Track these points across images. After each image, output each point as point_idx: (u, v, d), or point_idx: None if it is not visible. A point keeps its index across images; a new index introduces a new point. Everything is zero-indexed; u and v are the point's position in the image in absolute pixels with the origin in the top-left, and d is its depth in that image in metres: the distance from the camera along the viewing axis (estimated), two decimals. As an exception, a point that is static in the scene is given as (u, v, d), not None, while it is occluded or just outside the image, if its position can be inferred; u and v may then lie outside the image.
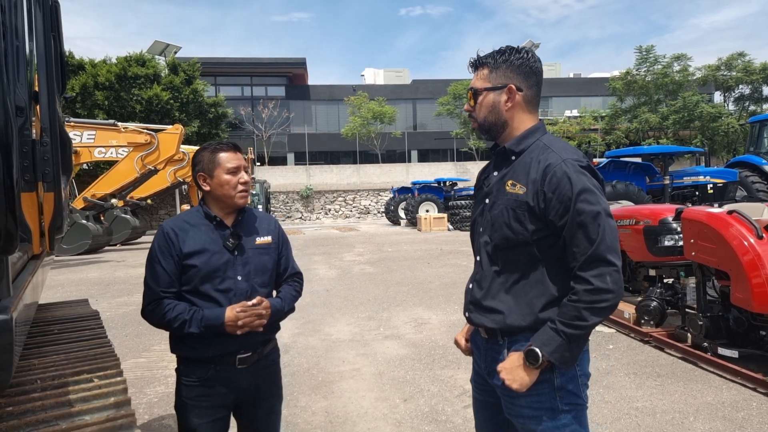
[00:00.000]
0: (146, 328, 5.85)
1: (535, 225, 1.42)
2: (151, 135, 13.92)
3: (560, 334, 1.36)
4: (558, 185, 1.38)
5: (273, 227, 2.02)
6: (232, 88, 36.82)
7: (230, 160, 1.84)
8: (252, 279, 1.86)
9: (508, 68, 1.50)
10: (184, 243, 1.80)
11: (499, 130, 1.54)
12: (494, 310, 1.51)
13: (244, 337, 1.78)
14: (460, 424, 3.25)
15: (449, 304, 6.68)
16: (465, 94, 1.50)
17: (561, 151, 1.44)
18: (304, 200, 29.87)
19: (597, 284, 1.33)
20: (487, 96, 1.52)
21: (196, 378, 1.81)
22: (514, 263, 1.48)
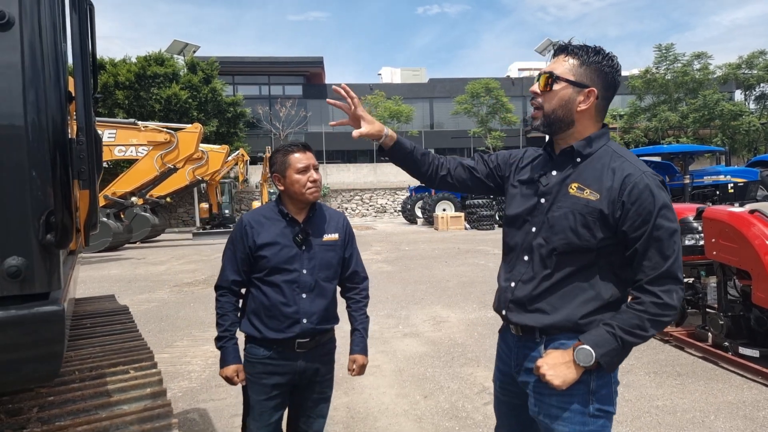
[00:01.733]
0: (168, 324, 5.97)
1: (604, 233, 1.39)
2: (171, 134, 14.12)
3: (617, 339, 1.35)
4: (639, 197, 1.36)
5: (341, 225, 2.15)
6: (250, 87, 37.16)
7: (300, 161, 1.99)
8: (316, 273, 2.01)
9: (596, 70, 1.44)
10: (258, 235, 1.98)
11: (562, 128, 1.48)
12: (539, 310, 1.48)
13: (304, 326, 1.96)
14: (481, 420, 3.27)
15: (467, 302, 6.69)
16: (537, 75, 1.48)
17: (637, 163, 1.42)
18: (321, 199, 30.00)
19: (665, 299, 1.34)
20: (566, 89, 1.44)
21: (258, 357, 1.99)
22: (568, 267, 1.44)
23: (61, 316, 1.12)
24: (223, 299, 2.04)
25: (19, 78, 1.13)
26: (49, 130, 1.18)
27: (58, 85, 1.21)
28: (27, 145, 1.13)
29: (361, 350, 2.15)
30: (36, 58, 1.16)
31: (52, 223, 1.14)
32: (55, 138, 1.20)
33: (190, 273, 10.05)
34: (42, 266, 1.13)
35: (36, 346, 1.11)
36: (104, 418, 1.31)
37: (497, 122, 34.15)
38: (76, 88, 1.77)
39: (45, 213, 1.14)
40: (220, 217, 20.29)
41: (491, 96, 33.08)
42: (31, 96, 1.15)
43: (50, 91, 1.19)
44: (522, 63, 45.17)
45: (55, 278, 1.15)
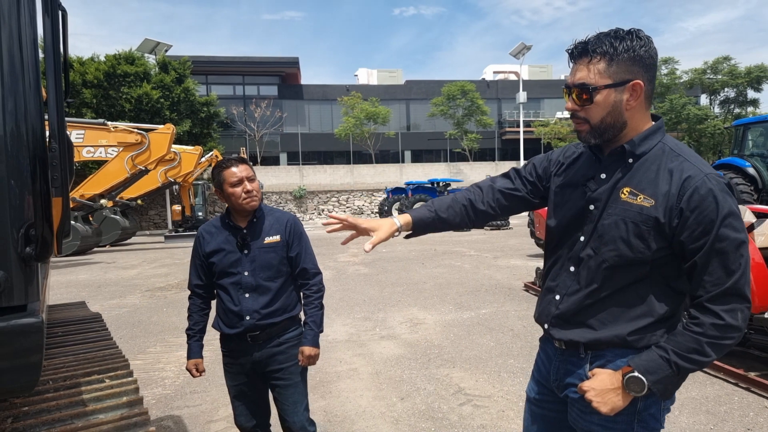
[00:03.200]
0: (140, 330, 5.86)
1: (659, 244, 1.25)
2: (142, 135, 13.85)
3: (671, 365, 1.22)
4: (700, 204, 1.20)
5: (284, 227, 2.28)
6: (224, 87, 36.72)
7: (234, 175, 2.14)
8: (257, 274, 2.18)
9: (630, 59, 1.25)
10: (207, 244, 2.21)
11: (616, 132, 1.31)
12: (586, 325, 1.36)
13: (247, 322, 2.17)
14: (456, 421, 3.32)
15: (444, 304, 6.76)
16: (564, 89, 1.34)
17: (699, 163, 1.26)
18: (297, 200, 29.84)
19: (728, 320, 1.19)
20: (607, 94, 1.27)
21: (224, 349, 2.30)
22: (619, 281, 1.31)
23: (40, 328, 1.11)
24: (190, 302, 2.35)
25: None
26: (29, 141, 1.17)
27: (38, 94, 1.20)
28: (6, 156, 1.12)
29: (309, 342, 2.27)
30: (15, 66, 1.15)
31: (31, 236, 1.13)
32: (35, 149, 1.19)
33: (162, 277, 9.88)
34: (21, 279, 1.12)
35: (15, 357, 1.10)
36: (80, 428, 1.30)
37: (473, 124, 34.53)
38: (49, 93, 1.74)
39: (24, 226, 1.13)
40: (193, 219, 19.98)
41: (467, 98, 33.44)
42: (10, 105, 1.14)
43: (29, 101, 1.17)
44: (497, 66, 45.75)
45: (33, 290, 1.15)
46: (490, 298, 6.99)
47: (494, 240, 15.17)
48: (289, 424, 2.28)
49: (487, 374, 4.14)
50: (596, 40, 1.26)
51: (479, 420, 3.32)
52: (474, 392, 3.78)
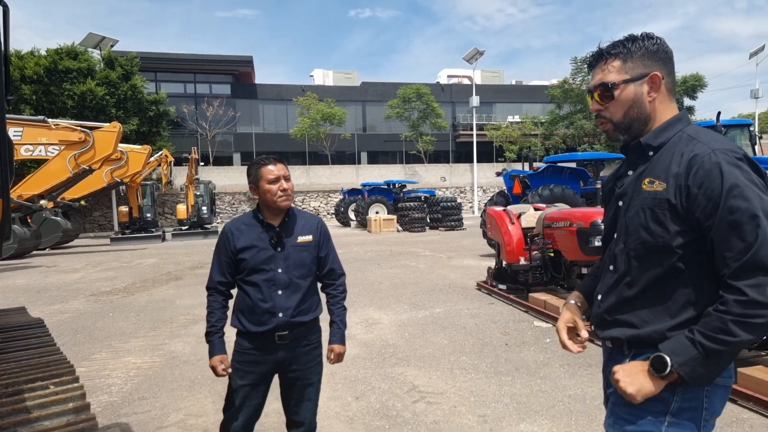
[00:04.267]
0: (85, 336, 5.63)
1: (679, 226, 1.25)
2: (86, 133, 13.26)
3: (696, 346, 1.18)
4: (706, 178, 1.20)
5: (315, 228, 2.35)
6: (174, 85, 35.61)
7: (271, 172, 2.20)
8: (291, 271, 2.21)
9: (645, 55, 1.33)
10: (238, 240, 2.21)
11: (642, 126, 1.36)
12: (626, 323, 1.35)
13: (280, 319, 2.16)
14: (410, 417, 3.39)
15: (399, 304, 6.84)
16: (587, 94, 1.49)
17: (711, 141, 1.25)
18: (251, 201, 29.31)
19: (752, 296, 1.13)
20: (626, 89, 1.34)
21: (243, 348, 2.22)
22: (652, 272, 1.30)
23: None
24: (211, 299, 2.29)
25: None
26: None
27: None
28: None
29: (338, 340, 2.35)
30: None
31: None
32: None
33: (108, 281, 9.50)
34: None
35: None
36: (24, 436, 1.26)
37: (428, 127, 34.98)
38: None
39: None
40: (142, 221, 19.29)
41: (422, 101, 33.85)
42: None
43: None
44: (451, 70, 46.53)
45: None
46: (444, 298, 7.13)
47: (449, 240, 15.44)
48: (302, 420, 2.32)
49: (440, 371, 4.24)
50: (609, 45, 1.37)
51: (432, 416, 3.40)
52: (427, 389, 3.86)
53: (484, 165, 33.15)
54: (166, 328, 5.86)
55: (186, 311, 6.73)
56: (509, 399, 3.64)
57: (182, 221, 20.39)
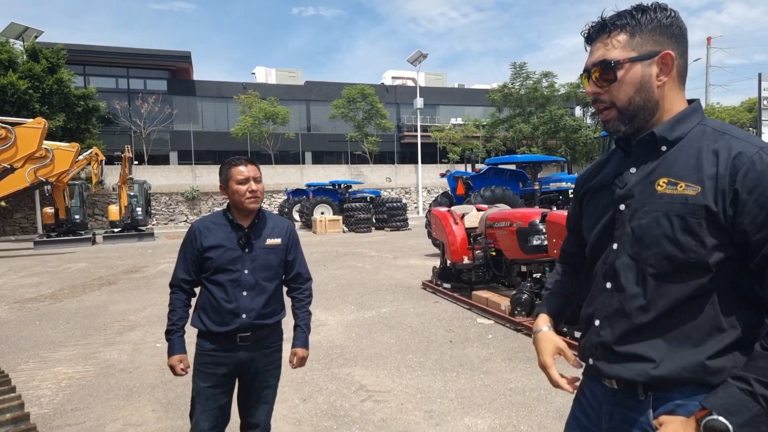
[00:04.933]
0: (9, 346, 5.25)
1: (717, 239, 1.02)
2: (7, 129, 12.35)
3: (758, 399, 0.95)
4: (759, 182, 0.99)
5: (284, 231, 2.34)
6: (105, 80, 33.73)
7: (241, 173, 2.18)
8: (257, 274, 2.21)
9: (656, 30, 1.10)
10: (205, 239, 2.20)
11: (648, 114, 1.13)
12: (638, 357, 1.10)
13: (243, 320, 2.15)
14: (358, 417, 3.41)
15: (345, 304, 6.85)
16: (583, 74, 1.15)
17: (749, 138, 1.06)
18: (189, 202, 28.28)
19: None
20: (633, 69, 1.10)
21: (205, 349, 2.20)
22: (675, 293, 1.06)
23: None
24: (173, 296, 2.26)
25: None
26: None
27: None
28: None
29: (301, 344, 2.36)
30: None
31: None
32: None
33: (33, 287, 8.88)
34: None
35: None
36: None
37: (373, 127, 35.13)
38: None
39: None
40: (69, 222, 18.15)
41: (367, 102, 33.95)
42: None
43: None
44: (395, 71, 46.99)
45: None
46: (390, 297, 7.21)
47: (394, 241, 15.59)
48: (257, 422, 2.30)
49: (387, 370, 4.29)
50: (615, 15, 1.13)
51: (380, 414, 3.44)
52: (375, 388, 3.90)
53: (428, 166, 33.70)
54: (99, 336, 5.56)
55: (121, 317, 6.41)
56: (454, 394, 3.75)
57: (114, 223, 19.37)
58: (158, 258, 12.82)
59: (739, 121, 41.25)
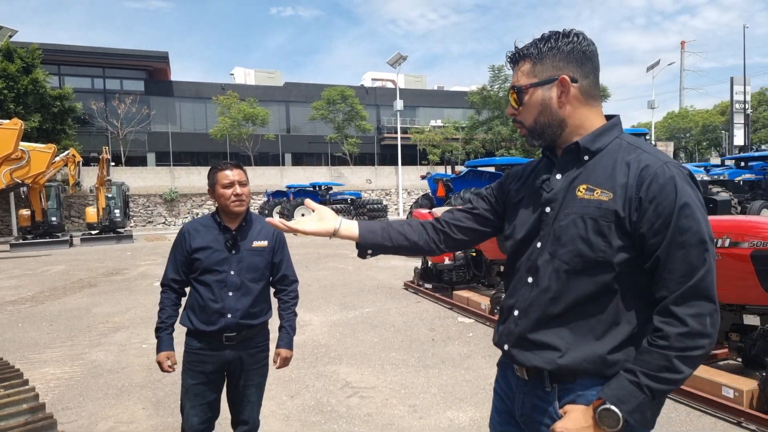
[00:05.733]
0: (-8, 349, 5.23)
1: (622, 241, 1.15)
2: (-18, 130, 12.10)
3: (644, 390, 1.09)
4: (659, 193, 1.12)
5: (271, 234, 2.41)
6: (80, 80, 33.10)
7: (227, 177, 2.26)
8: (243, 275, 2.28)
9: (555, 57, 1.24)
10: (194, 240, 2.28)
11: (556, 131, 1.27)
12: (547, 345, 1.22)
13: (228, 320, 2.23)
14: (344, 412, 3.55)
15: (329, 305, 6.97)
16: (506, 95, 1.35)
17: (656, 153, 1.19)
18: (167, 204, 27.96)
19: (694, 327, 1.07)
20: (535, 93, 1.26)
21: (192, 347, 2.28)
22: (583, 288, 1.19)
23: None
24: (163, 295, 2.36)
25: None
26: None
27: None
28: None
29: (285, 345, 2.42)
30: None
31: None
32: None
33: (12, 290, 8.77)
34: None
35: None
36: (-18, 437, 1.28)
37: (353, 129, 35.22)
38: None
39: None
40: (46, 225, 17.82)
41: (347, 103, 34.03)
42: None
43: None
44: (375, 73, 47.15)
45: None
46: (373, 298, 7.36)
47: (375, 242, 15.70)
48: (246, 419, 2.39)
49: (371, 368, 4.44)
50: (524, 46, 1.28)
51: (365, 409, 3.59)
52: (360, 385, 4.05)
53: (408, 168, 33.94)
54: (84, 337, 5.58)
55: (104, 319, 6.42)
56: (437, 389, 3.91)
57: (92, 225, 19.07)
58: (138, 260, 12.73)
59: (712, 123, 42.55)
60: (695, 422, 3.24)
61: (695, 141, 44.84)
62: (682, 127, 44.89)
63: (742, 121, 29.68)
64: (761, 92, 42.35)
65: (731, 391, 3.31)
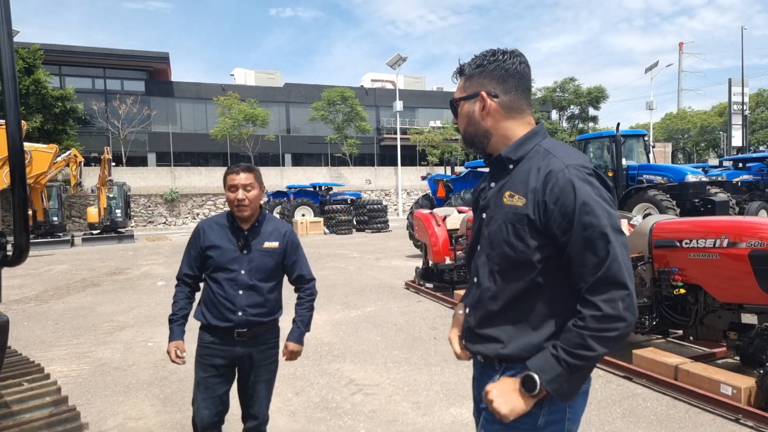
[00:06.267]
0: None
1: (538, 241, 1.27)
2: (-16, 130, 12.13)
3: (561, 363, 1.20)
4: (561, 194, 1.22)
5: (282, 236, 2.46)
6: (82, 80, 33.16)
7: (232, 180, 2.32)
8: (253, 274, 2.34)
9: (481, 74, 1.38)
10: (207, 238, 2.36)
11: (482, 140, 1.41)
12: (493, 339, 1.35)
13: (239, 317, 2.29)
14: (349, 408, 3.61)
15: (331, 304, 7.03)
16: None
17: (564, 156, 1.28)
18: (168, 204, 28.01)
19: (606, 310, 1.17)
20: (464, 106, 1.41)
21: (205, 341, 2.35)
22: (514, 286, 1.31)
23: (6, 327, 1.17)
24: (177, 289, 2.44)
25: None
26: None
27: (17, 109, 1.23)
28: None
29: (294, 338, 2.49)
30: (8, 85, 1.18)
31: (3, 244, 1.19)
32: (15, 164, 1.22)
33: (16, 289, 8.83)
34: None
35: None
36: (11, 426, 1.33)
37: (353, 130, 35.28)
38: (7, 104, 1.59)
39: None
40: (48, 224, 17.89)
41: (347, 104, 34.09)
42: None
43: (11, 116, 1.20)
44: (374, 74, 47.17)
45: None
46: (375, 297, 7.42)
47: (376, 242, 15.80)
48: (255, 414, 2.45)
49: (375, 365, 4.49)
50: (466, 63, 1.43)
51: (370, 406, 3.65)
52: (364, 382, 4.11)
53: (407, 168, 34.02)
54: (89, 336, 5.64)
55: (109, 318, 6.48)
56: (439, 387, 3.97)
57: (93, 225, 19.16)
58: (140, 260, 12.79)
59: (710, 124, 42.66)
60: (694, 419, 3.30)
61: (693, 142, 44.96)
62: (680, 128, 45.03)
63: (740, 123, 29.77)
64: (759, 93, 42.51)
65: (729, 388, 3.36)
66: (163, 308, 6.98)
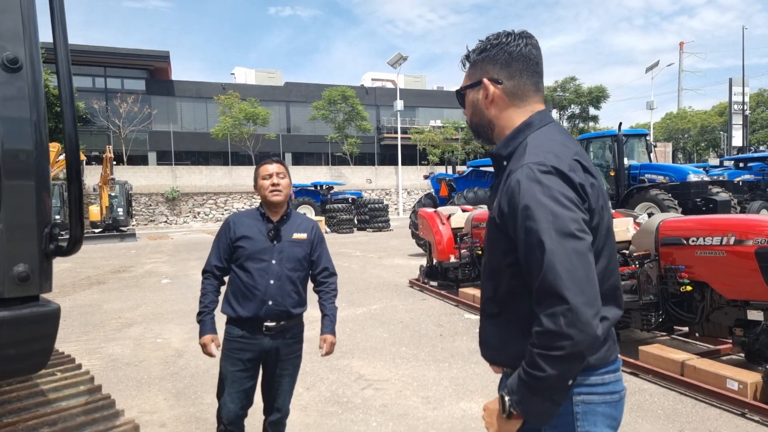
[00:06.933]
0: None
1: (505, 245, 1.18)
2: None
3: (522, 382, 1.10)
4: (511, 198, 1.14)
5: (310, 228, 2.56)
6: (82, 79, 33.20)
7: (266, 170, 2.43)
8: (283, 264, 2.41)
9: (482, 60, 1.29)
10: (238, 229, 2.42)
11: (487, 131, 1.33)
12: (486, 343, 1.32)
13: (269, 306, 2.34)
14: (360, 403, 3.66)
15: (337, 302, 7.04)
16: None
17: (531, 152, 1.17)
18: (169, 203, 28.04)
19: (547, 325, 1.04)
20: (469, 96, 1.34)
21: (233, 335, 2.39)
22: (501, 290, 1.24)
23: (58, 314, 1.22)
24: (206, 282, 2.48)
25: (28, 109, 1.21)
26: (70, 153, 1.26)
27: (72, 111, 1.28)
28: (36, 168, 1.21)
29: (329, 331, 2.55)
30: (39, 90, 1.24)
31: (54, 235, 1.24)
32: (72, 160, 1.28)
33: (21, 287, 8.86)
34: (41, 272, 1.22)
35: (36, 340, 1.20)
36: (49, 413, 1.38)
37: (353, 129, 35.33)
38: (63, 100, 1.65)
39: (49, 226, 1.25)
40: (50, 223, 17.91)
41: (347, 103, 34.13)
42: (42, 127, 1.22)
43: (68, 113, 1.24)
44: (375, 73, 47.26)
45: (49, 282, 1.25)
46: (379, 295, 7.46)
47: (377, 241, 15.84)
48: (279, 407, 2.53)
49: (383, 361, 4.54)
50: (469, 52, 1.34)
51: (380, 400, 3.69)
52: (374, 377, 4.15)
53: (408, 167, 34.07)
54: (98, 333, 5.68)
55: (117, 315, 6.52)
56: (448, 382, 4.02)
57: (95, 224, 19.19)
58: (143, 258, 12.83)
59: (710, 124, 42.74)
60: (701, 413, 3.35)
61: (694, 142, 45.06)
62: (680, 127, 45.11)
63: (740, 122, 29.85)
64: (760, 93, 42.59)
65: (735, 383, 3.41)
66: (169, 305, 7.02)
